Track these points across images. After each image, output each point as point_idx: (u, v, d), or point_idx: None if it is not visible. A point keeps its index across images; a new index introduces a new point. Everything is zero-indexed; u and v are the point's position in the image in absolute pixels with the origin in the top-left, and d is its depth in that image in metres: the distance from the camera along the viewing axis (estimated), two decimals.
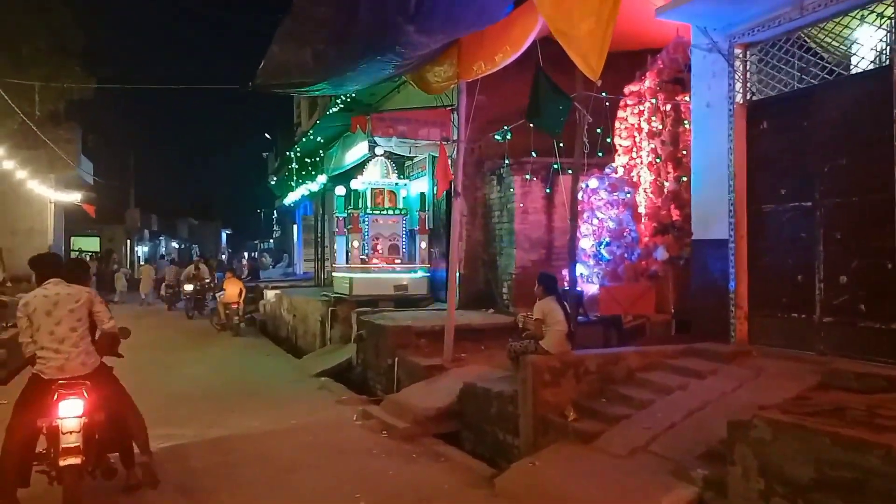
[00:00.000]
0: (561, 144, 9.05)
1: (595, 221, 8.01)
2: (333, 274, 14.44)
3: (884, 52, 5.95)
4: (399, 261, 13.71)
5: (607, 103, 9.38)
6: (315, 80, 8.61)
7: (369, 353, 11.10)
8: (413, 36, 7.73)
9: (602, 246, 8.22)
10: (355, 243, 13.26)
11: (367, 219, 13.57)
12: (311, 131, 15.35)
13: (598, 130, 9.31)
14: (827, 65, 6.44)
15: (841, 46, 6.38)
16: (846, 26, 6.22)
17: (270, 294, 20.80)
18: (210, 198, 56.35)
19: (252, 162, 64.91)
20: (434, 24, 7.56)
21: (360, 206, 13.61)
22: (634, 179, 8.43)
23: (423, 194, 13.58)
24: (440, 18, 7.46)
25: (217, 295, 18.18)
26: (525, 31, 8.02)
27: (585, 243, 7.78)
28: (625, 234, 8.19)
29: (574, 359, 6.87)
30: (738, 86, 7.25)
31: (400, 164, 14.89)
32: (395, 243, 13.77)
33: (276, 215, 56.85)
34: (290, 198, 18.97)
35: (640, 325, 8.07)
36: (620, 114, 9.21)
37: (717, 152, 7.38)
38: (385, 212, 13.78)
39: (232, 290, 17.38)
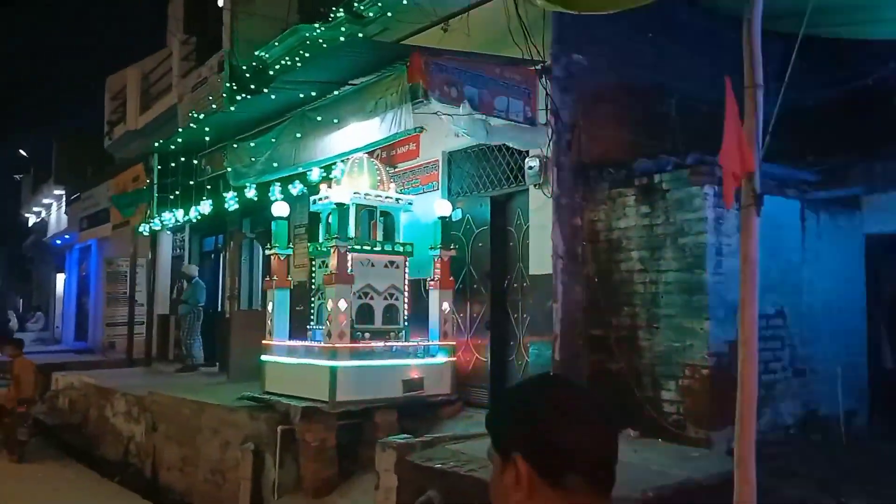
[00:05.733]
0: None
1: None
2: (267, 359, 7.85)
3: None
4: (399, 335, 7.71)
5: None
6: None
7: None
8: None
9: None
10: (342, 304, 7.02)
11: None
12: (277, 80, 8.22)
13: None
14: None
15: None
16: None
17: (67, 381, 12.86)
18: None
19: None
20: None
21: (339, 235, 7.39)
22: None
23: (443, 220, 7.79)
24: None
25: None
26: None
27: None
28: None
29: None
30: None
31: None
32: (394, 303, 7.77)
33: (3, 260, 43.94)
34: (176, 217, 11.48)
35: None
36: None
37: None
38: (379, 249, 7.75)
39: (24, 377, 9.77)
